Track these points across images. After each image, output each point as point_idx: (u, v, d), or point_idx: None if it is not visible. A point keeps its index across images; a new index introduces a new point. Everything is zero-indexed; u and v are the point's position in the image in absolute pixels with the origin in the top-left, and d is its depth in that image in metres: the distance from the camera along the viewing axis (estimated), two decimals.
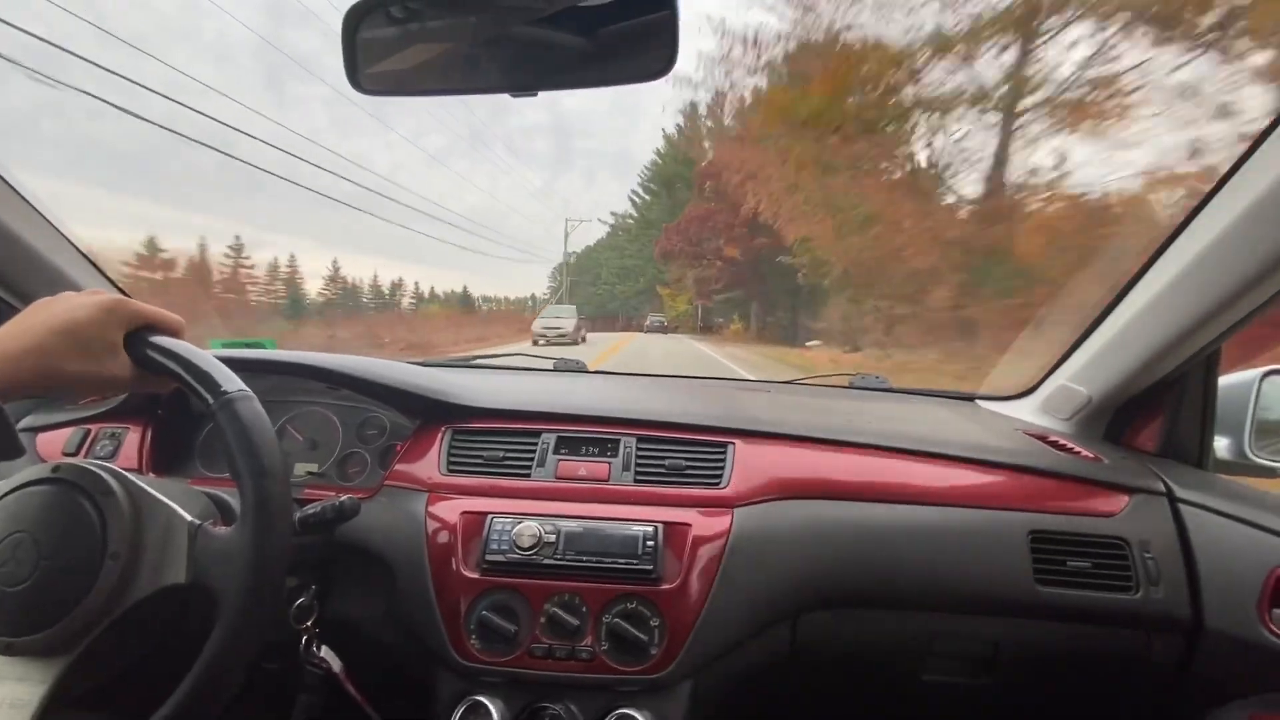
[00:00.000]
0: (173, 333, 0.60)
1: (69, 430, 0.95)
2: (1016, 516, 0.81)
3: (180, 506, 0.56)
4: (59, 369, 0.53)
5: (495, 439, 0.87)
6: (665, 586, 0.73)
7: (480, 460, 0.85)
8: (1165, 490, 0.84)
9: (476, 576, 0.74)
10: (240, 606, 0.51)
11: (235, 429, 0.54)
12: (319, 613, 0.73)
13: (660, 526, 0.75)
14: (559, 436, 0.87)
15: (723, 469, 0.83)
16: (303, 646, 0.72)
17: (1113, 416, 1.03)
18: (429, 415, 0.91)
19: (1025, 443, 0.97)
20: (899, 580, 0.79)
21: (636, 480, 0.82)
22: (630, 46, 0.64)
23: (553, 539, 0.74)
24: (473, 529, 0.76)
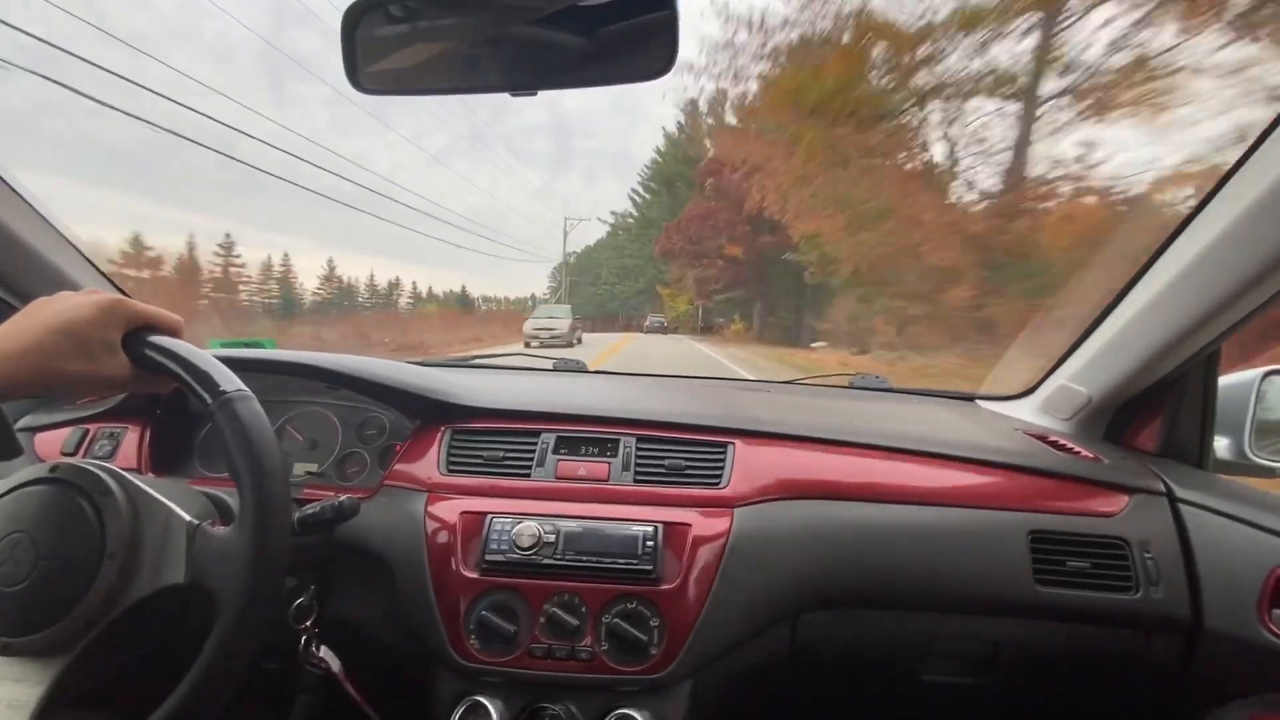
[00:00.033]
0: (171, 332, 0.60)
1: (67, 430, 0.95)
2: (1016, 517, 0.81)
3: (179, 506, 0.56)
4: (57, 368, 0.53)
5: (495, 439, 0.87)
6: (665, 586, 0.72)
7: (480, 460, 0.85)
8: (1165, 490, 0.84)
9: (476, 576, 0.74)
10: (239, 606, 0.51)
11: (234, 429, 0.54)
12: (318, 613, 0.73)
13: (660, 526, 0.75)
14: (559, 436, 0.87)
15: (722, 469, 0.83)
16: (302, 646, 0.72)
17: (1113, 416, 1.03)
18: (428, 415, 0.91)
19: (1025, 443, 0.97)
20: (899, 580, 0.79)
21: (636, 480, 0.82)
22: (630, 46, 0.64)
23: (552, 539, 0.74)
24: (472, 529, 0.76)
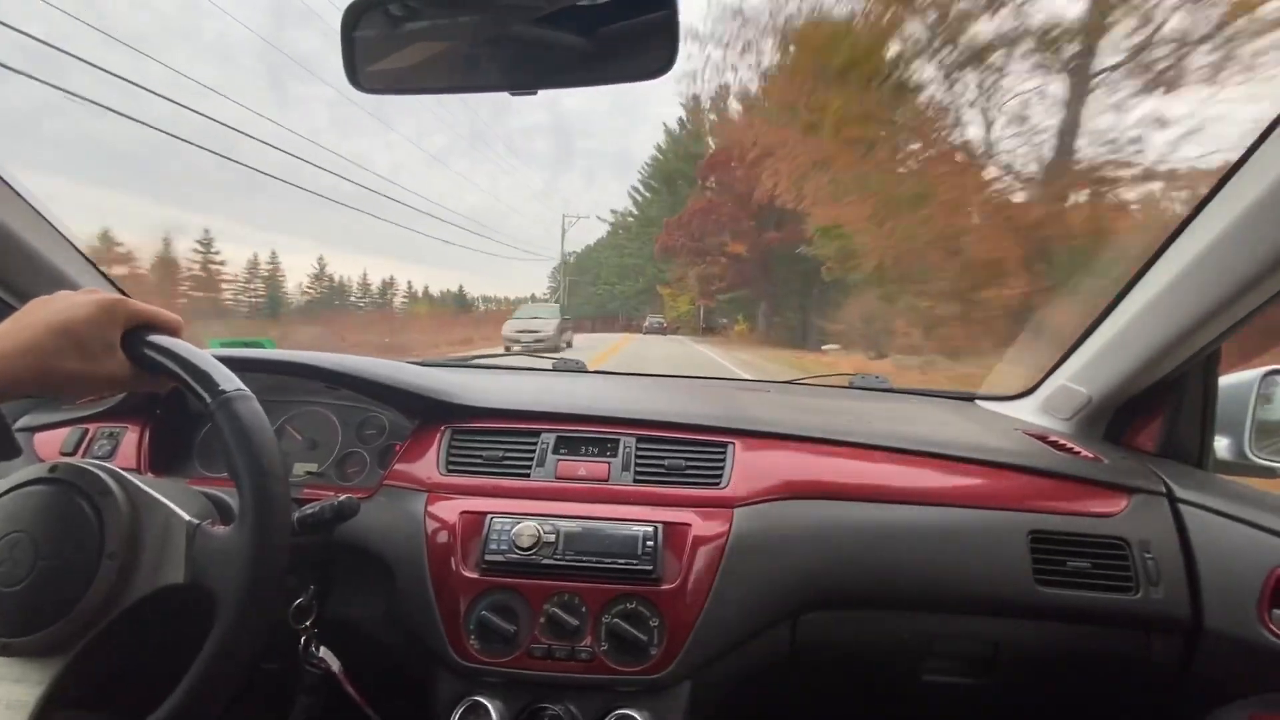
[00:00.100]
0: (171, 332, 0.60)
1: (66, 430, 0.95)
2: (1016, 517, 0.81)
3: (178, 506, 0.56)
4: (56, 368, 0.52)
5: (495, 439, 0.87)
6: (665, 587, 0.72)
7: (480, 460, 0.85)
8: (1165, 490, 0.84)
9: (476, 576, 0.74)
10: (239, 606, 0.51)
11: (233, 428, 0.54)
12: (318, 613, 0.73)
13: (660, 526, 0.75)
14: (558, 436, 0.87)
15: (722, 469, 0.83)
16: (302, 646, 0.72)
17: (1113, 416, 1.03)
18: (428, 415, 0.91)
19: (1025, 443, 0.97)
20: (899, 580, 0.79)
21: (636, 480, 0.82)
22: (630, 46, 0.64)
23: (552, 539, 0.74)
24: (472, 529, 0.76)
